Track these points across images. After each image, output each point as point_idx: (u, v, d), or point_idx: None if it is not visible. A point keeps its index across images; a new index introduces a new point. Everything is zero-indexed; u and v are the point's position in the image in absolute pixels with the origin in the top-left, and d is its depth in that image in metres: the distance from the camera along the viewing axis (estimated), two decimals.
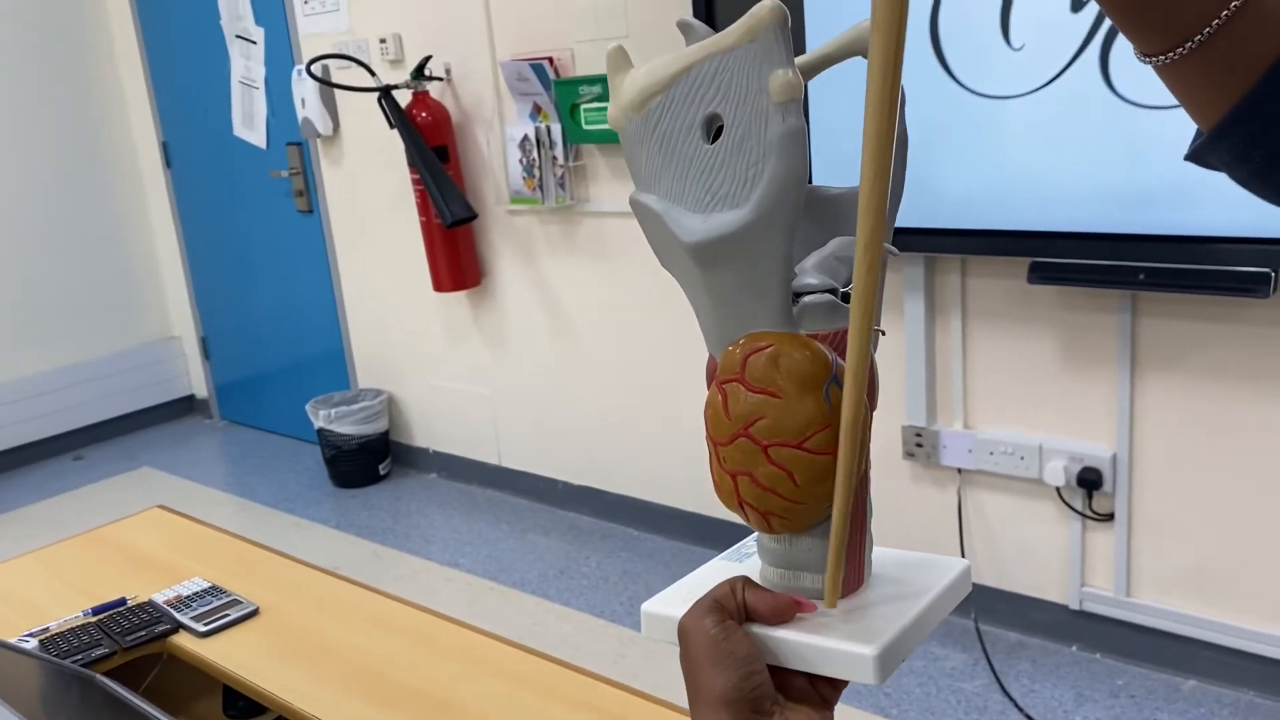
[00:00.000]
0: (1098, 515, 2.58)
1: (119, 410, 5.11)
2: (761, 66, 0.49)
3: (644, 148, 0.53)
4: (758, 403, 0.53)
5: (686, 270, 0.55)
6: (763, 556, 0.59)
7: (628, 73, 0.54)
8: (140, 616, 1.56)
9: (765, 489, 0.54)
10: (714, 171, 0.51)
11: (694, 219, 0.52)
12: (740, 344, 0.54)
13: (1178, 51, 0.54)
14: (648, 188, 0.55)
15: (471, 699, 1.33)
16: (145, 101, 4.96)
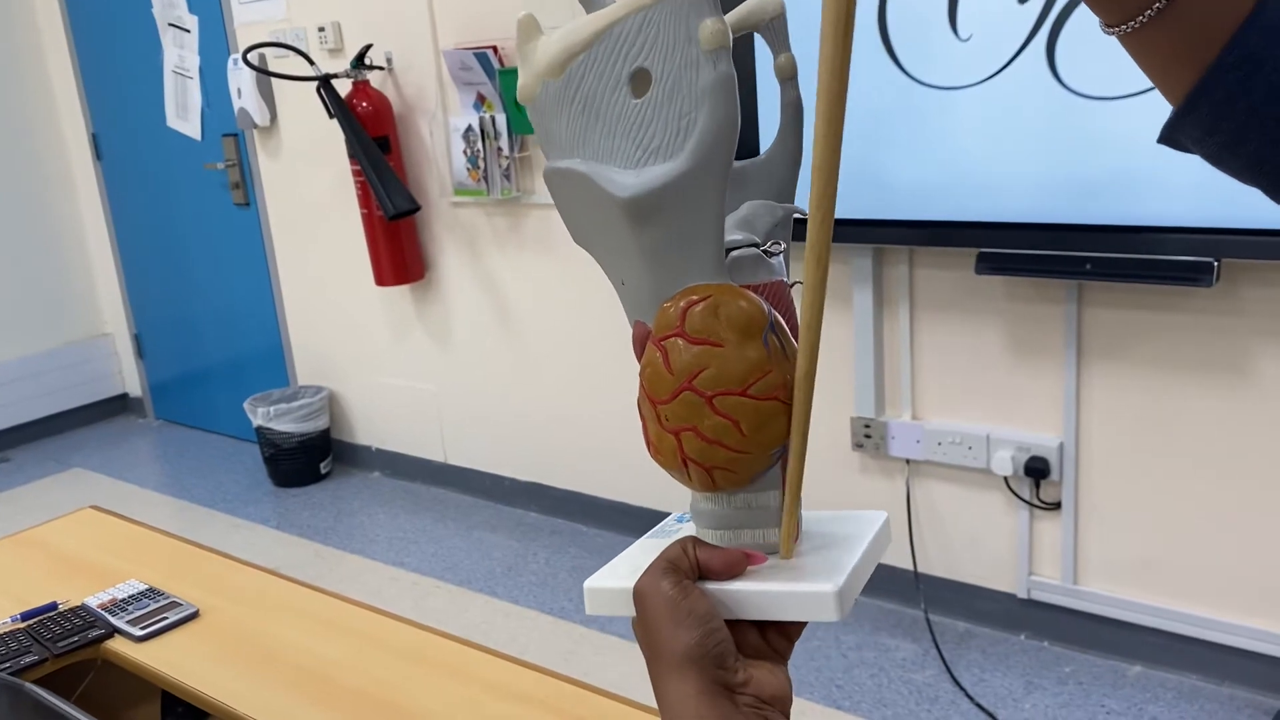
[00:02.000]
0: (1045, 504, 2.60)
1: (48, 410, 4.96)
2: (689, 17, 0.48)
3: (564, 112, 0.52)
4: (699, 353, 0.53)
5: (615, 234, 0.54)
6: (699, 522, 0.59)
7: (538, 40, 0.53)
8: (72, 621, 1.50)
9: (710, 441, 0.53)
10: (644, 125, 0.51)
11: (626, 175, 0.52)
12: (676, 299, 0.54)
13: (1138, 20, 0.53)
14: (568, 153, 0.54)
15: (421, 699, 1.30)
16: (74, 92, 4.82)
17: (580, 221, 0.56)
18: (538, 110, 0.54)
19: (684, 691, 0.53)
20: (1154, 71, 0.56)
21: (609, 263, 0.57)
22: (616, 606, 0.59)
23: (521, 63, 0.54)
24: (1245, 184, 0.58)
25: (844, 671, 2.63)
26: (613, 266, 0.56)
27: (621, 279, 0.56)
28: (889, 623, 2.81)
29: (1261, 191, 0.57)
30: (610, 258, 0.56)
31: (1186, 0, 0.51)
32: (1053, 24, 2.21)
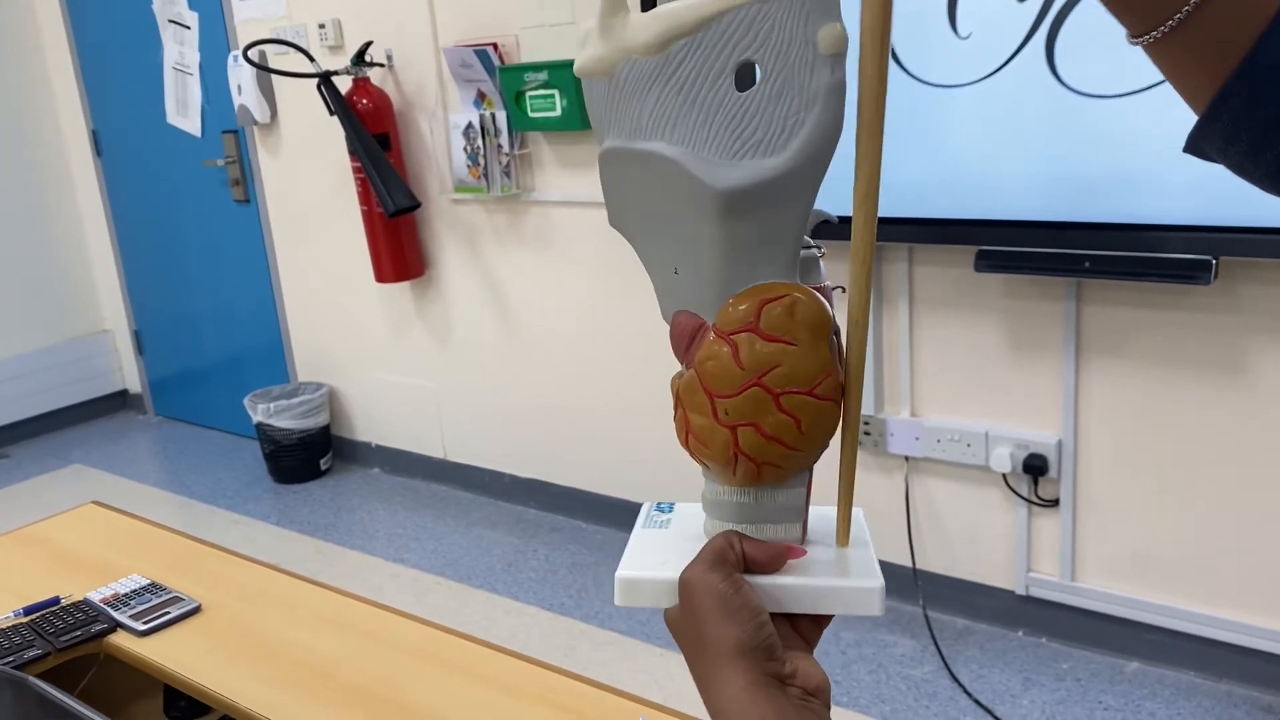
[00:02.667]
0: (1043, 501, 2.61)
1: (48, 406, 4.96)
2: (810, 17, 0.48)
3: (655, 93, 0.51)
4: (774, 351, 0.53)
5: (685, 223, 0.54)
6: (719, 514, 0.60)
7: (625, 14, 0.52)
8: (75, 616, 1.51)
9: (769, 438, 0.54)
10: (746, 119, 0.50)
11: (721, 165, 0.51)
12: (749, 295, 0.54)
13: (1161, 29, 0.53)
14: (648, 135, 0.52)
15: (422, 694, 1.30)
16: (74, 89, 4.81)
17: (634, 204, 0.55)
18: (616, 85, 0.52)
19: (737, 684, 0.53)
20: (1178, 81, 0.56)
21: (659, 250, 0.56)
22: (651, 598, 0.59)
23: (602, 34, 0.52)
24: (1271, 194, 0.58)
25: (843, 668, 2.64)
26: (664, 254, 0.56)
27: (675, 268, 0.55)
28: (887, 619, 2.81)
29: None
30: (664, 245, 0.55)
31: (1208, 10, 0.52)
32: (1052, 22, 2.21)
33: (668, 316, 0.58)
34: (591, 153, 3.15)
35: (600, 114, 0.54)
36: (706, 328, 0.55)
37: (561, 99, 3.02)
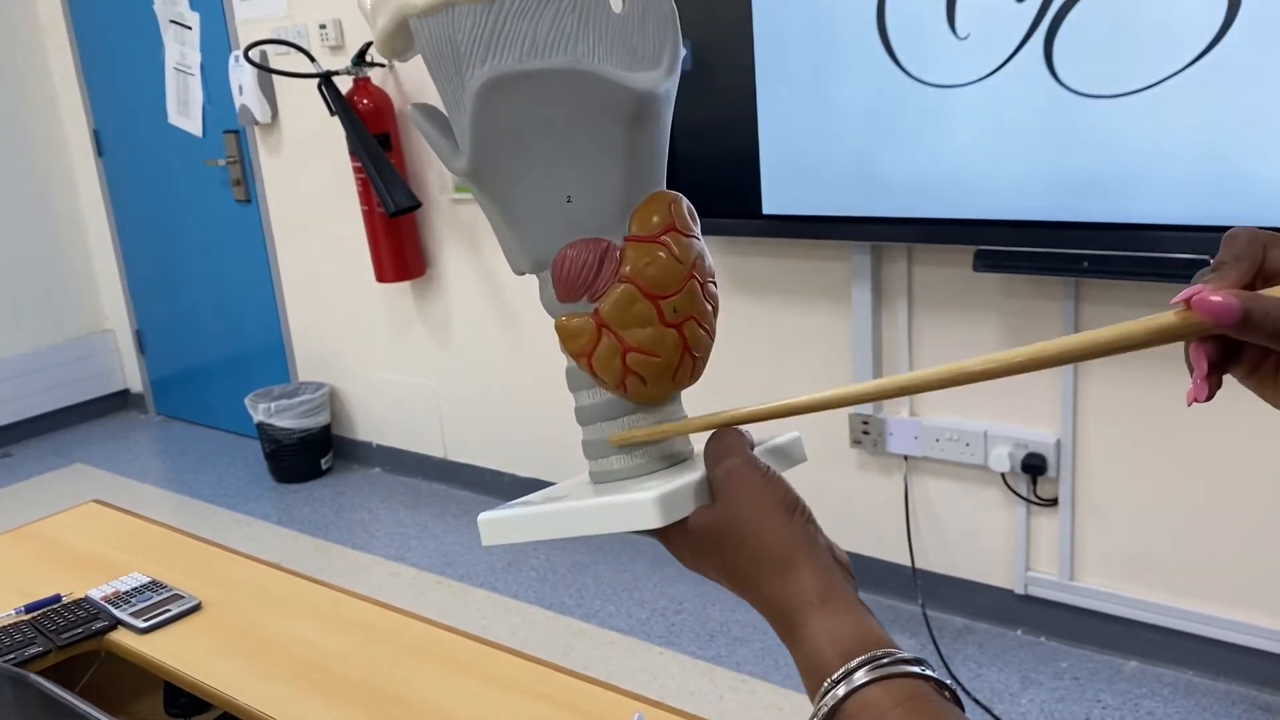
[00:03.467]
0: (1042, 500, 2.62)
1: (49, 406, 4.97)
2: None
3: (548, 11, 0.52)
4: (694, 243, 0.57)
5: (588, 141, 0.54)
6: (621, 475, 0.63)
7: None
8: (76, 613, 1.51)
9: (705, 328, 0.58)
10: (632, 35, 0.53)
11: (631, 75, 0.53)
12: (656, 200, 0.57)
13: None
14: (548, 54, 0.52)
15: (422, 691, 1.31)
16: (75, 88, 4.82)
17: (519, 137, 0.54)
18: (501, 7, 0.52)
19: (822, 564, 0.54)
20: None
21: (546, 183, 0.55)
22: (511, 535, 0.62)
23: None
24: None
25: None
26: (553, 186, 0.55)
27: (568, 196, 0.56)
28: (886, 618, 2.82)
29: None
30: (555, 176, 0.55)
31: None
32: (1050, 22, 2.22)
33: (543, 255, 0.57)
34: None
35: (469, 41, 0.52)
36: (614, 246, 0.56)
37: None
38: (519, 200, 0.56)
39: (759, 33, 2.60)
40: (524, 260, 0.59)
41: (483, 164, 0.55)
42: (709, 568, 0.58)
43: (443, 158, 0.57)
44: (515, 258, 0.59)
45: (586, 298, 0.56)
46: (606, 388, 0.59)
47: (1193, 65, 2.08)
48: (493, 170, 0.55)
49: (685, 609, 3.01)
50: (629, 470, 0.61)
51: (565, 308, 0.58)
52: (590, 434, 0.63)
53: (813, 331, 2.86)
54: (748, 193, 2.72)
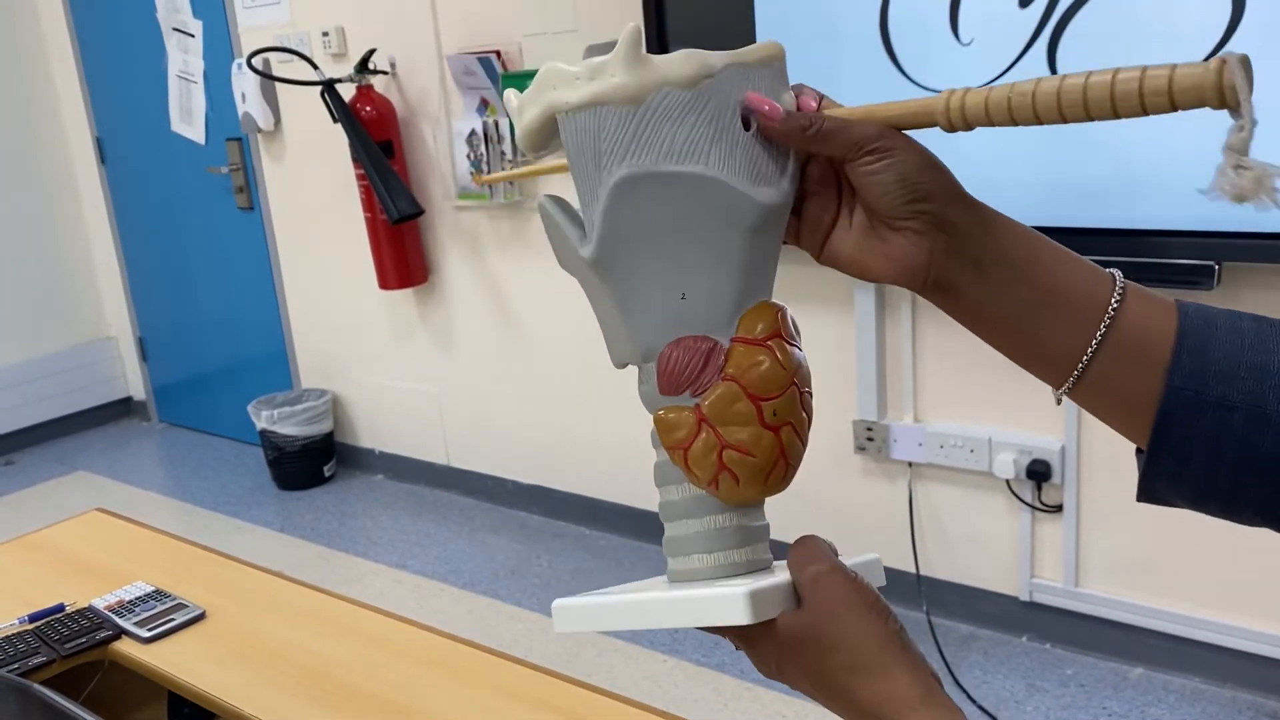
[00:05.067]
0: (1047, 507, 2.61)
1: (52, 413, 4.97)
2: (775, 85, 0.59)
3: (689, 121, 0.56)
4: (797, 353, 0.60)
5: (707, 245, 0.58)
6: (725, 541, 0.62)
7: (647, 55, 0.56)
8: (80, 623, 1.51)
9: (800, 436, 0.60)
10: (756, 153, 0.57)
11: (755, 189, 0.57)
12: (763, 309, 0.60)
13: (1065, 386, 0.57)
14: (682, 161, 0.56)
15: (426, 700, 1.30)
16: (78, 96, 4.83)
17: (644, 233, 0.58)
18: (646, 112, 0.55)
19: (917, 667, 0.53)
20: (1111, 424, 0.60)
21: (664, 279, 0.59)
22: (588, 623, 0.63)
23: (630, 67, 0.55)
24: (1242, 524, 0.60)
25: None
26: (670, 282, 0.59)
27: (683, 293, 0.59)
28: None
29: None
30: (672, 272, 0.59)
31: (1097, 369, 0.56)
32: (1054, 28, 2.22)
33: (651, 347, 0.60)
34: None
35: (610, 143, 0.56)
36: (721, 346, 0.58)
37: None
38: (636, 292, 0.59)
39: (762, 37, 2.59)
40: (631, 350, 0.61)
41: (607, 255, 0.59)
42: (796, 674, 0.57)
43: (566, 245, 0.60)
44: (621, 347, 0.62)
45: (689, 393, 0.59)
46: (698, 484, 0.61)
47: None
48: (616, 261, 0.59)
49: None
50: (712, 570, 0.62)
51: (666, 401, 0.60)
52: (675, 530, 0.63)
53: (816, 338, 2.86)
54: None
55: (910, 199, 0.55)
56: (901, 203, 0.55)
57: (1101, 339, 0.56)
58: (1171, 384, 0.54)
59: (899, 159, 0.55)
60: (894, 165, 0.54)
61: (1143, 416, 0.56)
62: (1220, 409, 0.54)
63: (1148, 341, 0.56)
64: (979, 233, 0.57)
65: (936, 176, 0.56)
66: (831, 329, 2.81)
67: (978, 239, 0.57)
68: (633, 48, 0.56)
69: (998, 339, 0.59)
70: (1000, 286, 0.57)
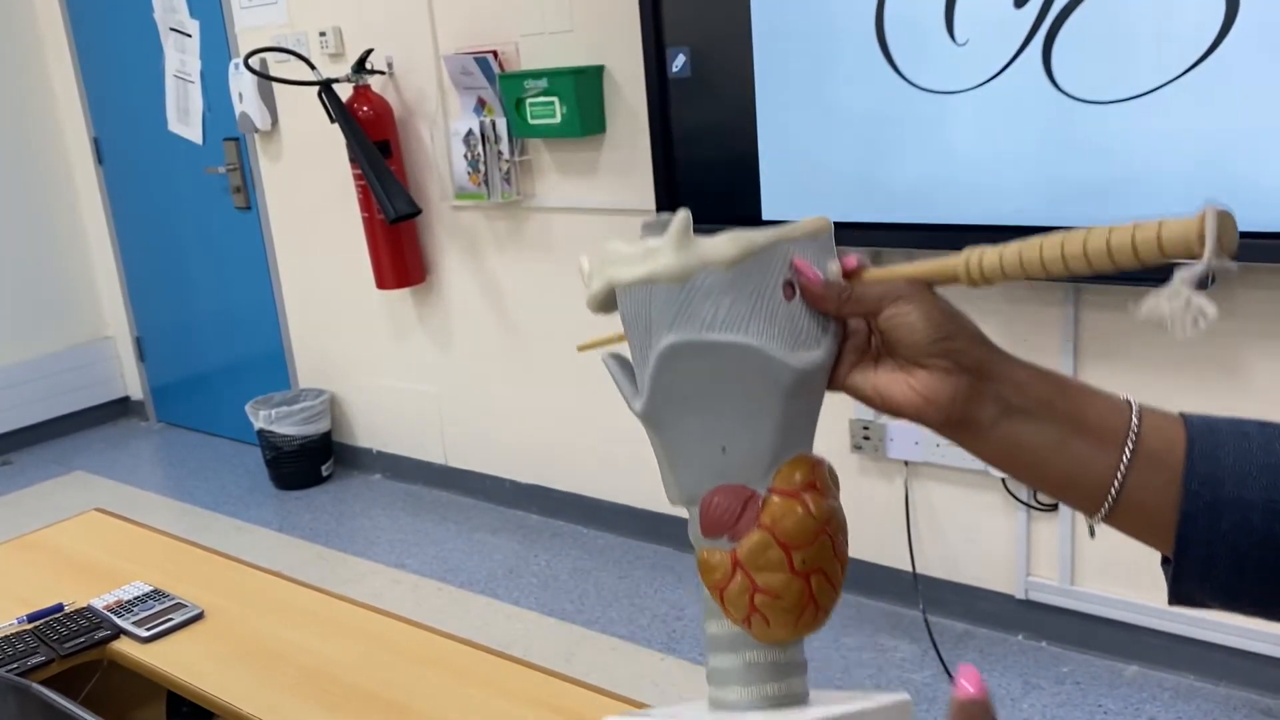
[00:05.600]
0: (1043, 505, 2.62)
1: (50, 413, 4.97)
2: (821, 255, 0.63)
3: (727, 298, 0.62)
4: (831, 504, 0.64)
5: (749, 405, 0.63)
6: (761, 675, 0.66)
7: (694, 237, 0.62)
8: (78, 622, 1.52)
9: (831, 582, 0.64)
10: (797, 321, 0.62)
11: (790, 354, 0.62)
12: (800, 461, 0.64)
13: (1102, 512, 0.60)
14: (722, 330, 0.62)
15: (425, 699, 1.31)
16: (75, 96, 4.83)
17: (688, 393, 0.63)
18: (690, 290, 0.62)
19: None
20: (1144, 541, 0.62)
21: (706, 433, 0.64)
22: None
23: (678, 249, 0.62)
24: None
25: (843, 672, 2.65)
26: (712, 436, 0.64)
27: (723, 447, 0.64)
28: (888, 624, 2.82)
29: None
30: (714, 428, 0.64)
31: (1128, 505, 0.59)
32: (1049, 28, 2.22)
33: (695, 493, 0.65)
34: (590, 159, 3.17)
35: (659, 314, 0.63)
36: (757, 496, 0.63)
37: (561, 106, 3.03)
38: (681, 445, 0.65)
39: (758, 39, 2.61)
40: (678, 493, 0.66)
41: (655, 411, 0.64)
42: None
43: (625, 397, 0.67)
44: (671, 490, 0.67)
45: (727, 537, 0.63)
46: (734, 621, 0.65)
47: (1190, 71, 2.09)
48: (663, 417, 0.65)
49: (686, 615, 3.01)
50: (747, 702, 0.67)
51: (708, 543, 0.64)
52: (716, 661, 0.68)
53: None
54: (747, 198, 2.73)
55: (937, 337, 0.59)
56: (928, 340, 0.59)
57: (1129, 462, 0.59)
58: (1189, 488, 0.57)
59: (925, 303, 0.59)
60: (920, 308, 0.59)
61: (1168, 526, 0.58)
62: (1238, 508, 0.56)
63: (1163, 454, 0.59)
64: (1002, 373, 0.60)
65: (961, 321, 0.60)
66: None
67: (1002, 379, 0.60)
68: (681, 234, 0.62)
69: (1028, 473, 0.62)
70: (1026, 424, 0.60)
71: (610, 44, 3.01)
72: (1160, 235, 0.54)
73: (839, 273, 0.63)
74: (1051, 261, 0.56)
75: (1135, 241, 0.54)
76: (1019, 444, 0.60)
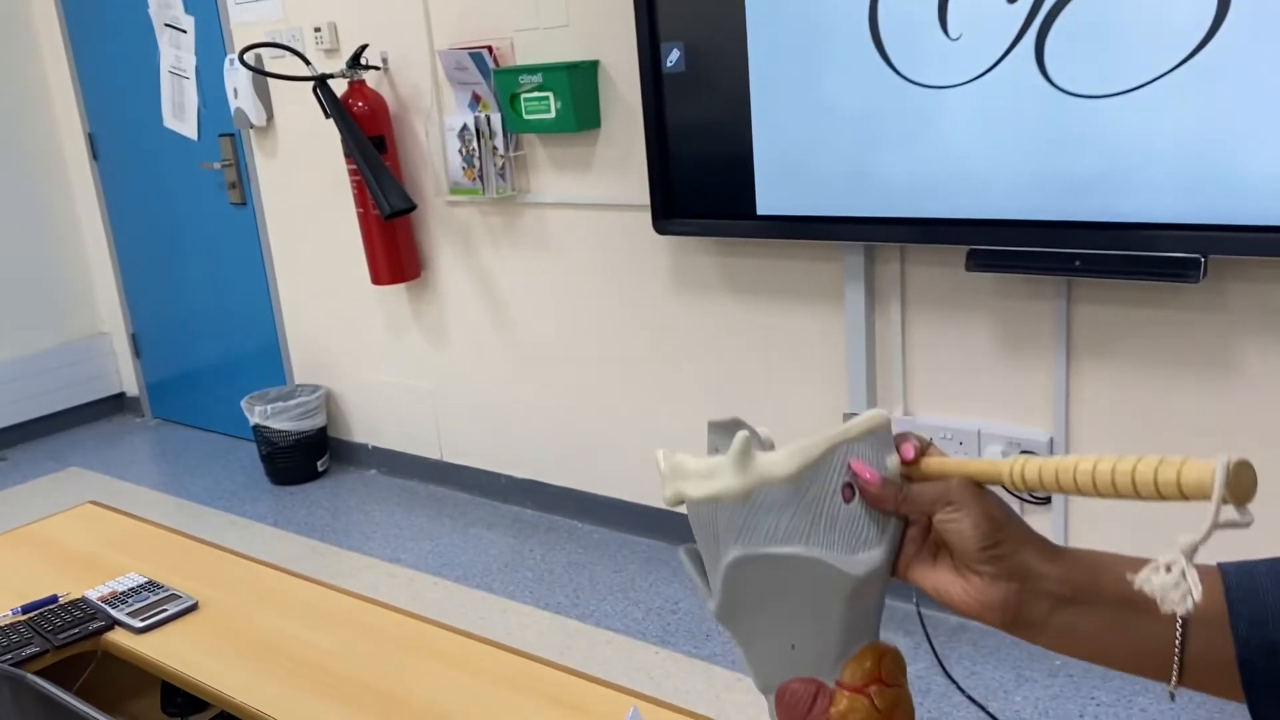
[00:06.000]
0: (1036, 499, 2.63)
1: (45, 409, 4.97)
2: (878, 450, 0.67)
3: (789, 510, 0.65)
4: (895, 694, 0.68)
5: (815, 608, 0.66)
6: None
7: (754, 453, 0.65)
8: (73, 614, 1.52)
9: None
10: (856, 522, 0.66)
11: (849, 559, 0.66)
12: (865, 654, 0.68)
13: (1173, 680, 0.62)
14: (784, 542, 0.65)
15: (419, 688, 1.32)
16: (70, 92, 4.83)
17: (757, 599, 0.67)
18: (752, 506, 0.65)
19: None
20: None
21: (777, 633, 0.68)
22: None
23: (738, 470, 0.65)
24: None
25: None
26: (782, 635, 0.68)
27: (792, 644, 0.68)
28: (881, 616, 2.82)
29: None
30: (784, 628, 0.68)
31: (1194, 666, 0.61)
32: (1041, 23, 2.23)
33: (770, 684, 0.69)
34: (585, 154, 3.17)
35: (725, 528, 0.66)
36: (826, 688, 0.68)
37: (556, 101, 3.03)
38: (754, 642, 0.70)
39: (752, 34, 2.61)
40: (756, 682, 0.71)
41: (727, 612, 0.69)
42: None
43: (701, 595, 0.71)
44: (750, 677, 0.72)
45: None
46: None
47: (1183, 65, 2.10)
48: (735, 617, 0.69)
49: (681, 609, 3.02)
50: None
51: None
52: None
53: (807, 331, 2.87)
54: (742, 193, 2.73)
55: (984, 547, 0.63)
56: (977, 550, 0.63)
57: (1183, 624, 0.61)
58: (1238, 634, 0.60)
59: (973, 512, 0.63)
60: (968, 517, 0.63)
61: (1233, 674, 0.61)
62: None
63: (1208, 608, 0.61)
64: (1046, 571, 0.64)
65: (1007, 526, 0.64)
66: (822, 323, 2.83)
67: (1046, 576, 0.64)
68: (741, 455, 0.65)
69: (1093, 657, 0.65)
70: (1078, 613, 0.63)
71: (605, 39, 3.02)
72: (1180, 478, 0.58)
73: (897, 465, 0.66)
74: (1084, 484, 0.60)
75: (1157, 479, 0.58)
76: (1076, 633, 0.64)
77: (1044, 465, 0.61)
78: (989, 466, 0.64)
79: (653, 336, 3.21)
